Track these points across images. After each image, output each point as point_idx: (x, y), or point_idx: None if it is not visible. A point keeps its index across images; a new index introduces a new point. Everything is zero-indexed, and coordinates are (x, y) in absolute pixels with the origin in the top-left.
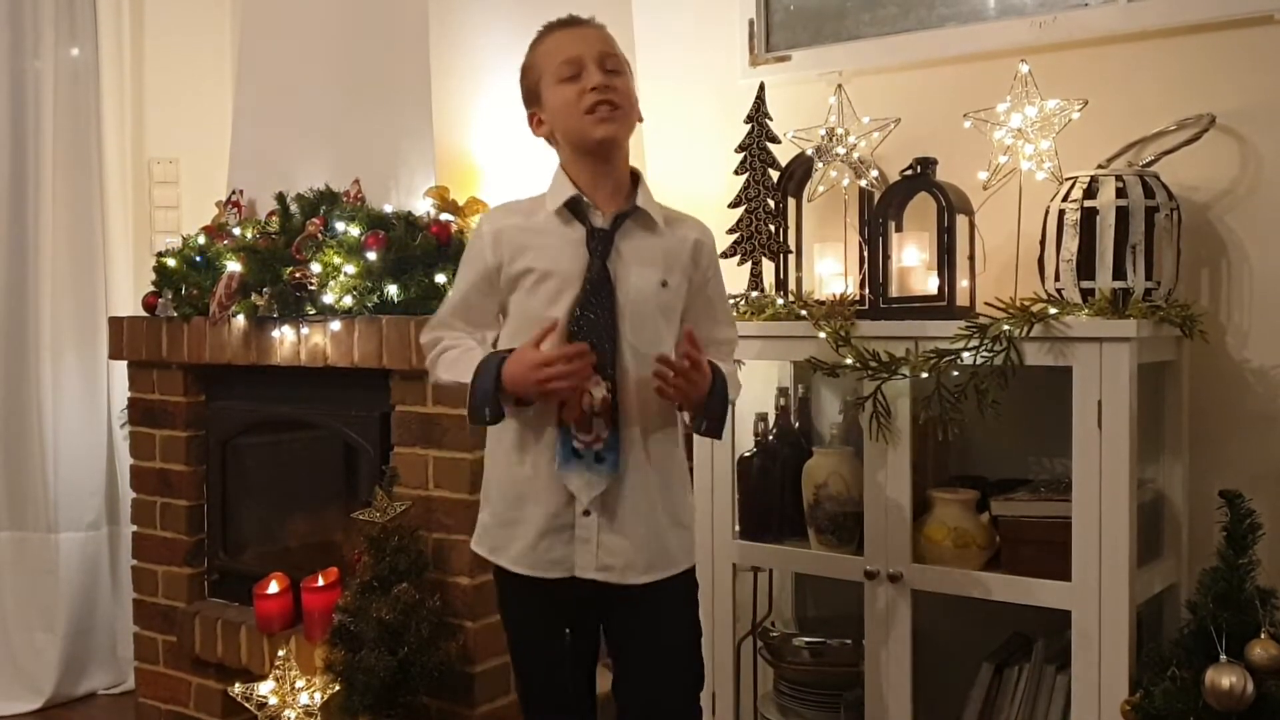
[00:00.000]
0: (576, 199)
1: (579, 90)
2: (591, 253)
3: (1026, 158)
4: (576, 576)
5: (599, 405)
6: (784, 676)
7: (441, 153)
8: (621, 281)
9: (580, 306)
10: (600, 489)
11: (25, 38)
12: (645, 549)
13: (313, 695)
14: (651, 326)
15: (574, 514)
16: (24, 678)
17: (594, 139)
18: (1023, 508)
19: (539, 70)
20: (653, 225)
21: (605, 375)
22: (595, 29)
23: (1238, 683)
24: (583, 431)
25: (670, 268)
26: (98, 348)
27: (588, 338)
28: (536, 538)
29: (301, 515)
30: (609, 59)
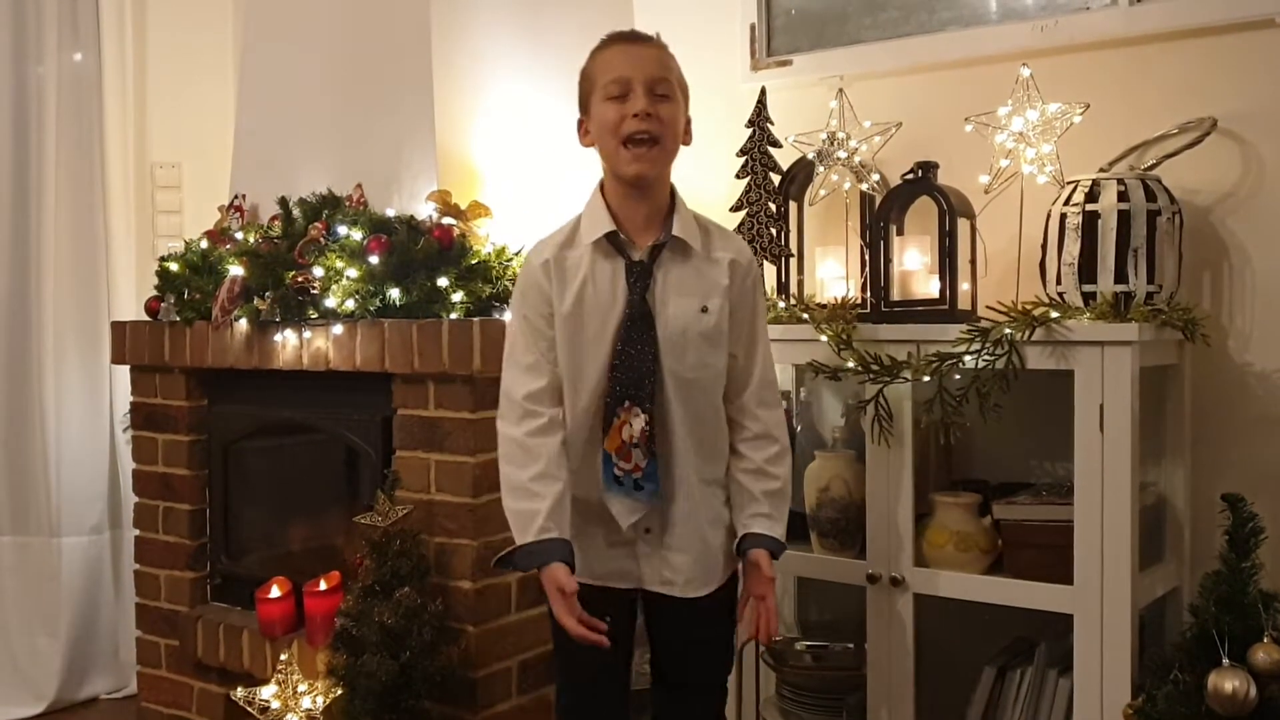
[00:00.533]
0: (614, 234)
1: (622, 114)
2: (630, 288)
3: (1028, 161)
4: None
5: (638, 436)
6: (786, 680)
7: (443, 157)
8: (661, 313)
9: (621, 341)
10: (639, 514)
11: (28, 43)
12: (701, 563)
13: (315, 699)
14: (694, 353)
15: (635, 532)
16: (26, 682)
17: (625, 175)
18: (1025, 511)
19: (591, 81)
20: (690, 251)
21: (644, 408)
22: (653, 50)
23: (1240, 687)
24: (623, 460)
25: (709, 292)
26: (100, 352)
27: (628, 371)
28: (602, 549)
29: (303, 519)
30: (660, 84)
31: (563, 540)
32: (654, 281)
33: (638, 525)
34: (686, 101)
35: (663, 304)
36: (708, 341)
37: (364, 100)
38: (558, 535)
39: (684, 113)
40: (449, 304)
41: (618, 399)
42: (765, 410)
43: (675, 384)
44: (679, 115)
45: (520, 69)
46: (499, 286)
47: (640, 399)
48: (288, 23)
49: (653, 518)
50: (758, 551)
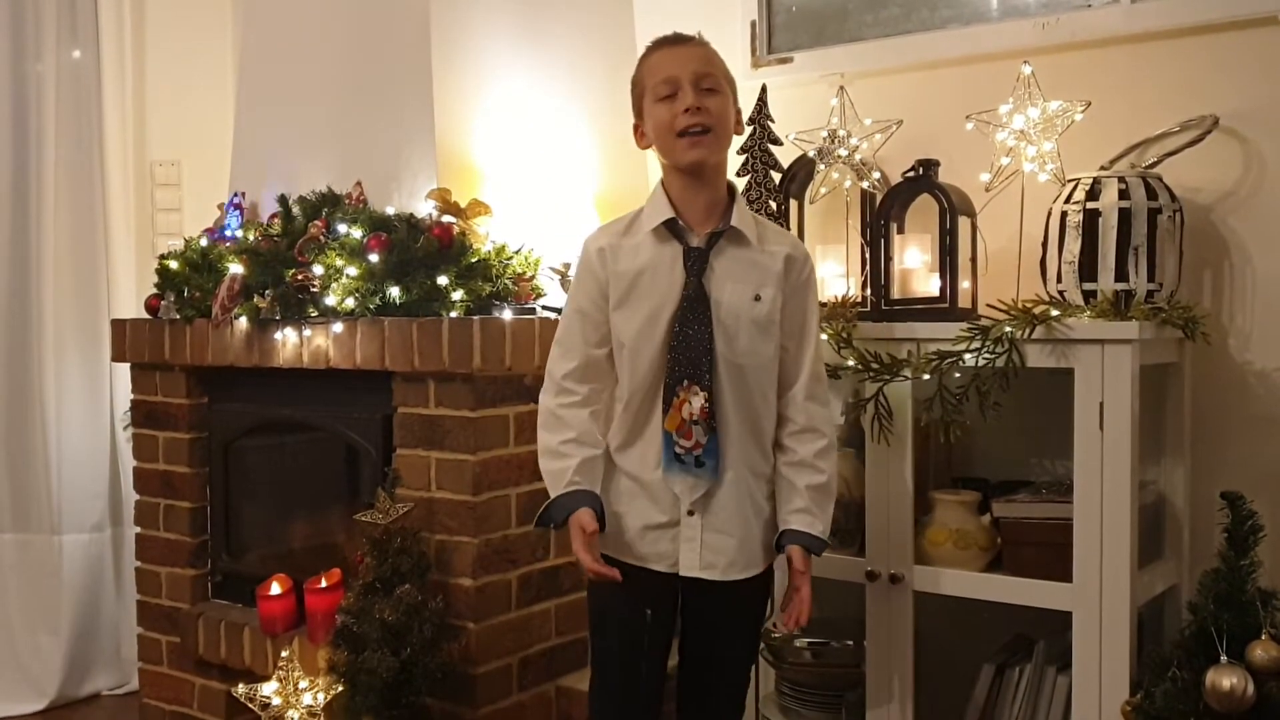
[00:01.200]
0: (673, 220)
1: (673, 112)
2: (688, 271)
3: (1029, 159)
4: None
5: (698, 414)
6: (786, 677)
7: (443, 155)
8: (716, 298)
9: (679, 323)
10: (702, 491)
11: (27, 41)
12: (743, 547)
13: (316, 696)
14: (746, 339)
15: (679, 513)
16: (28, 679)
17: (684, 162)
18: (1024, 509)
19: (642, 86)
20: (746, 242)
21: (703, 386)
22: (696, 48)
23: (1238, 684)
24: (684, 438)
25: (763, 282)
26: (100, 350)
27: (686, 352)
28: (642, 530)
29: (304, 517)
30: (705, 79)
31: (590, 492)
32: (710, 268)
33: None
34: (734, 93)
35: (719, 289)
36: (759, 329)
37: (364, 98)
38: (585, 487)
39: (733, 104)
40: (449, 302)
41: (677, 378)
42: (814, 404)
43: (727, 368)
44: (728, 106)
45: (520, 67)
46: (499, 285)
47: (699, 377)
48: (287, 20)
49: (699, 500)
50: (793, 548)
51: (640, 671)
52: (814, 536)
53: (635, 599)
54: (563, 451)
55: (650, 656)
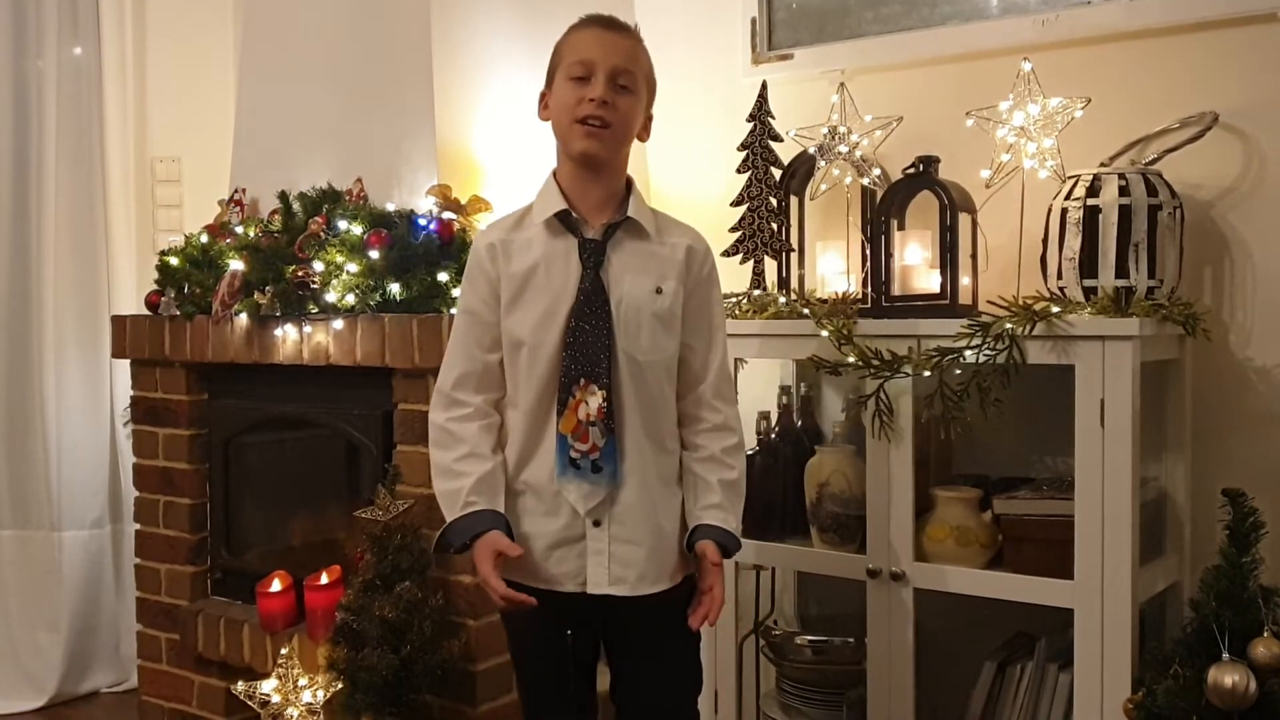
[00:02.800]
0: (565, 212)
1: (579, 96)
2: (584, 264)
3: (1029, 156)
4: (588, 594)
5: (595, 414)
6: (786, 675)
7: (443, 151)
8: (614, 291)
9: (574, 317)
10: (599, 498)
11: (28, 37)
12: (655, 557)
13: (315, 693)
14: (648, 333)
15: (583, 525)
16: (27, 676)
17: (573, 151)
18: (1025, 506)
19: (559, 57)
20: (644, 234)
21: (600, 384)
22: (626, 40)
23: (1240, 681)
24: (579, 441)
25: (664, 274)
26: (100, 346)
27: (582, 348)
28: (546, 550)
29: (304, 514)
30: (623, 75)
31: (492, 511)
32: (607, 260)
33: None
34: (651, 97)
35: (617, 282)
36: (661, 323)
37: (364, 94)
38: (485, 507)
39: (645, 109)
40: (449, 299)
41: (573, 376)
42: (723, 403)
43: (628, 365)
44: (637, 110)
45: (520, 63)
46: None
47: (596, 375)
48: (288, 16)
49: (603, 508)
50: (704, 543)
51: (570, 697)
52: (727, 532)
53: (552, 622)
54: (457, 470)
55: (577, 679)
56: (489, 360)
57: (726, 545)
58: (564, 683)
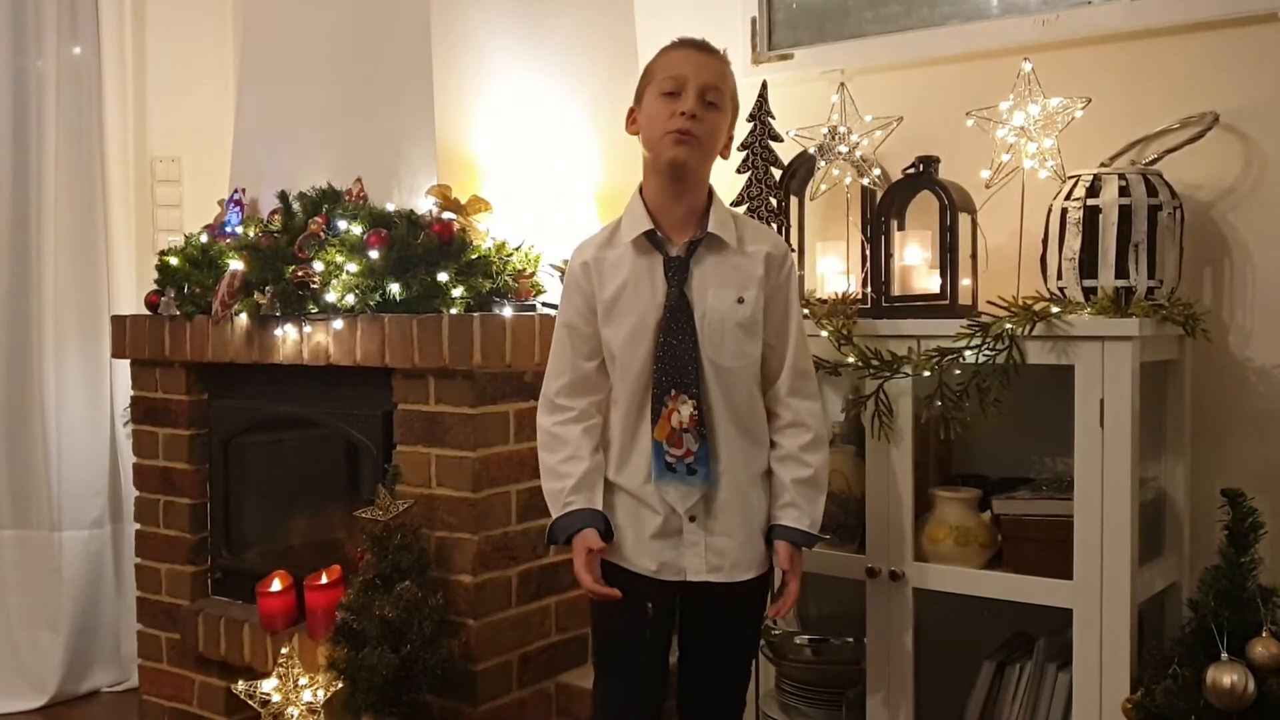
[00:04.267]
0: (651, 232)
1: (670, 110)
2: (669, 281)
3: (1029, 156)
4: (686, 580)
5: (687, 422)
6: (786, 674)
7: (443, 151)
8: (699, 305)
9: (663, 333)
10: (695, 498)
11: (27, 37)
12: (747, 547)
13: (316, 693)
14: (733, 342)
15: (680, 521)
16: (28, 676)
17: (664, 159)
18: (1024, 506)
19: (650, 75)
20: (726, 246)
21: (690, 394)
22: (715, 61)
23: (1239, 681)
24: (674, 446)
25: (745, 284)
26: (100, 346)
27: (671, 361)
28: (649, 540)
29: (304, 513)
30: (712, 91)
31: (590, 510)
32: (691, 275)
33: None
34: (735, 118)
35: (700, 296)
36: (744, 331)
37: (364, 94)
38: (583, 506)
39: (729, 127)
40: (449, 299)
41: (664, 388)
42: (798, 399)
43: (715, 373)
44: (723, 126)
45: (521, 63)
46: (499, 281)
47: (686, 385)
48: (287, 16)
49: (698, 506)
50: (779, 542)
51: (642, 667)
52: (801, 531)
53: (636, 596)
54: (560, 471)
55: (652, 652)
56: (588, 368)
57: (800, 543)
58: (640, 653)
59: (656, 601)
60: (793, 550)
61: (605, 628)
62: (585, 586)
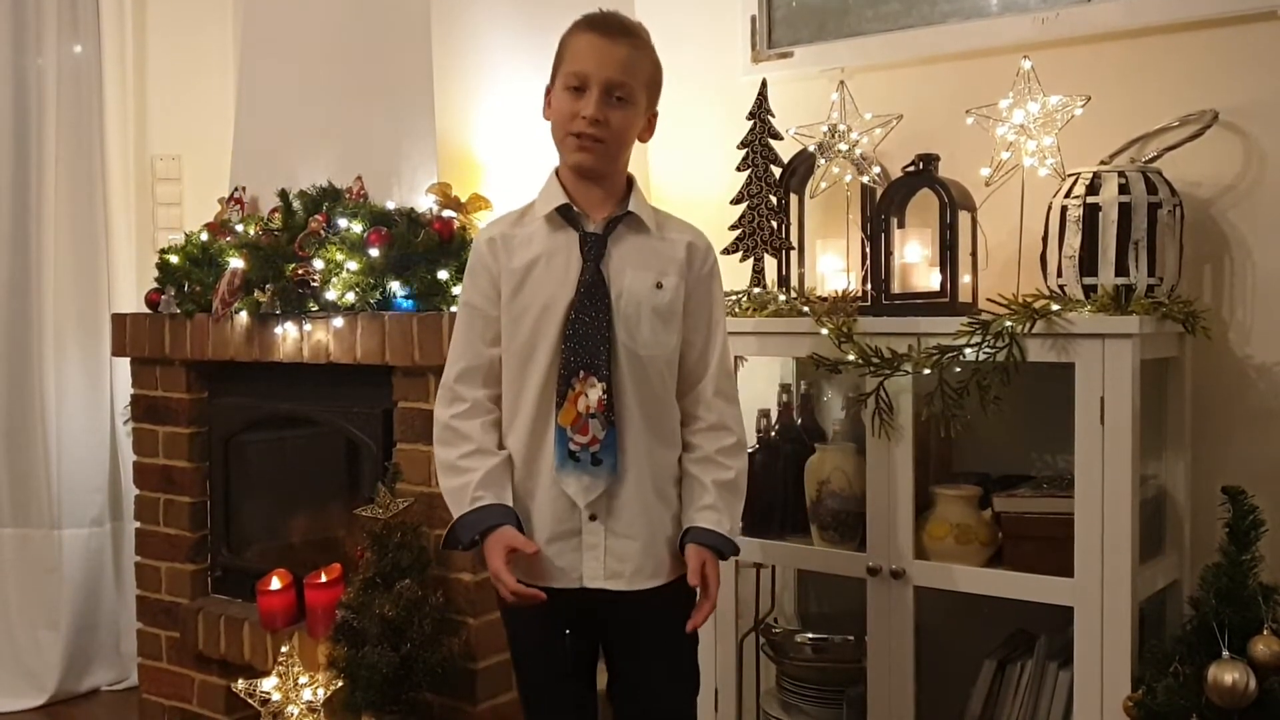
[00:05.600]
0: (566, 206)
1: (574, 110)
2: (585, 257)
3: (1029, 154)
4: (585, 586)
5: (595, 406)
6: (786, 673)
7: (444, 149)
8: (615, 284)
9: (575, 310)
10: (598, 491)
11: (28, 35)
12: (651, 552)
13: (316, 691)
14: (648, 328)
15: (579, 520)
16: (27, 674)
17: (568, 161)
18: (1025, 504)
19: (560, 59)
20: (645, 229)
21: (600, 376)
22: (621, 50)
23: (1240, 679)
24: (579, 433)
25: (665, 270)
26: (100, 344)
27: (582, 341)
28: (544, 545)
29: (304, 512)
30: (619, 88)
31: (501, 505)
32: (608, 254)
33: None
34: (653, 98)
35: (618, 275)
36: (661, 318)
37: (364, 92)
38: (493, 501)
39: (643, 113)
40: (449, 297)
41: (572, 369)
42: (722, 401)
43: (628, 358)
44: (633, 119)
45: (521, 60)
46: None
47: (596, 368)
48: (288, 14)
49: (600, 502)
50: (691, 548)
51: (569, 696)
52: (720, 535)
53: (550, 621)
54: (462, 466)
55: (577, 679)
56: (491, 354)
57: (719, 548)
58: (563, 682)
59: (569, 616)
60: (708, 555)
61: (523, 661)
62: (508, 588)
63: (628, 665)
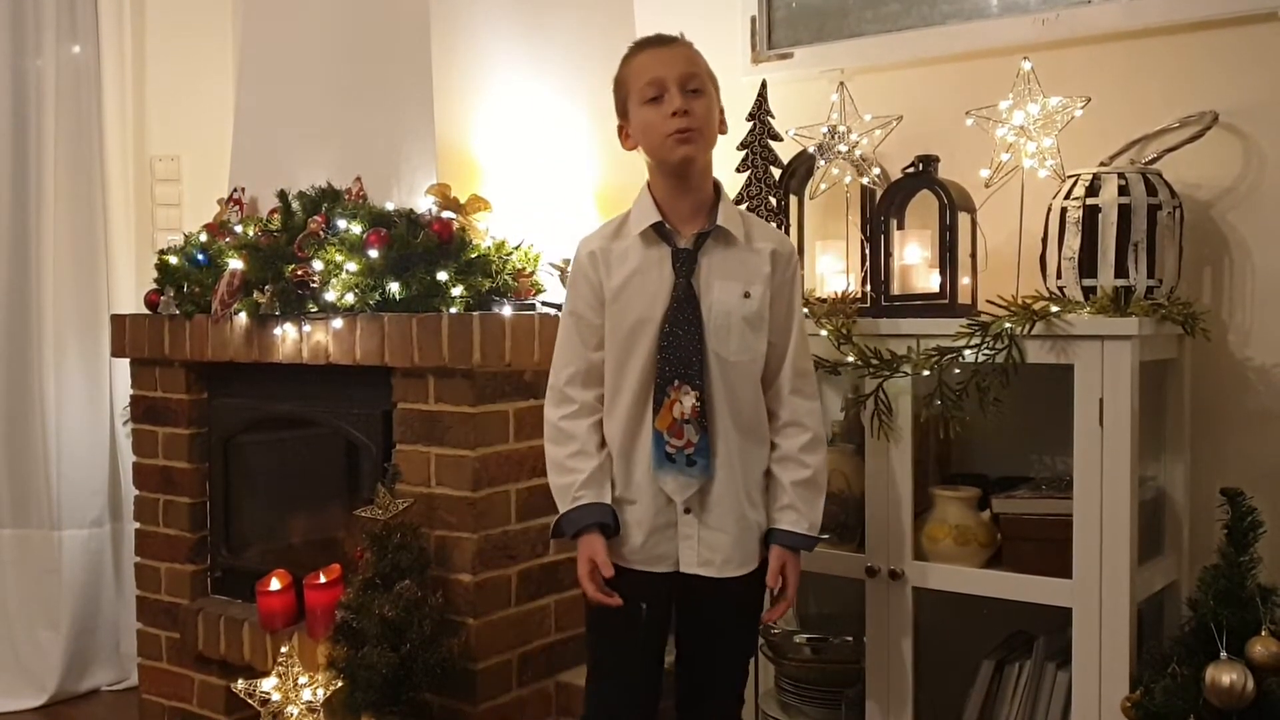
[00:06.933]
0: (659, 224)
1: (661, 115)
2: (676, 272)
3: (1029, 155)
4: (681, 571)
5: (689, 413)
6: (785, 674)
7: (443, 150)
8: (705, 297)
9: (668, 323)
10: (693, 490)
11: (26, 36)
12: (740, 544)
13: (315, 692)
14: (737, 336)
15: (675, 513)
16: (27, 675)
17: (673, 160)
18: (1024, 505)
19: (627, 88)
20: (733, 241)
21: (694, 385)
22: (680, 49)
23: (1238, 680)
24: (675, 437)
25: (751, 279)
26: (100, 345)
27: (675, 352)
28: (645, 535)
29: (304, 512)
30: (691, 80)
31: (599, 504)
32: (699, 267)
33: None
34: (718, 92)
35: (707, 288)
36: (750, 326)
37: (363, 93)
38: (592, 500)
39: (717, 103)
40: (448, 298)
41: (667, 378)
42: (798, 398)
43: (719, 366)
44: (713, 107)
45: (521, 62)
46: (499, 280)
47: (690, 377)
48: (287, 15)
49: (694, 498)
50: (774, 548)
51: (637, 667)
52: (799, 534)
53: (632, 596)
54: (569, 466)
55: (646, 651)
56: (595, 358)
57: (799, 547)
58: (633, 654)
59: (651, 600)
60: (788, 556)
61: (600, 626)
62: (590, 594)
63: (696, 640)
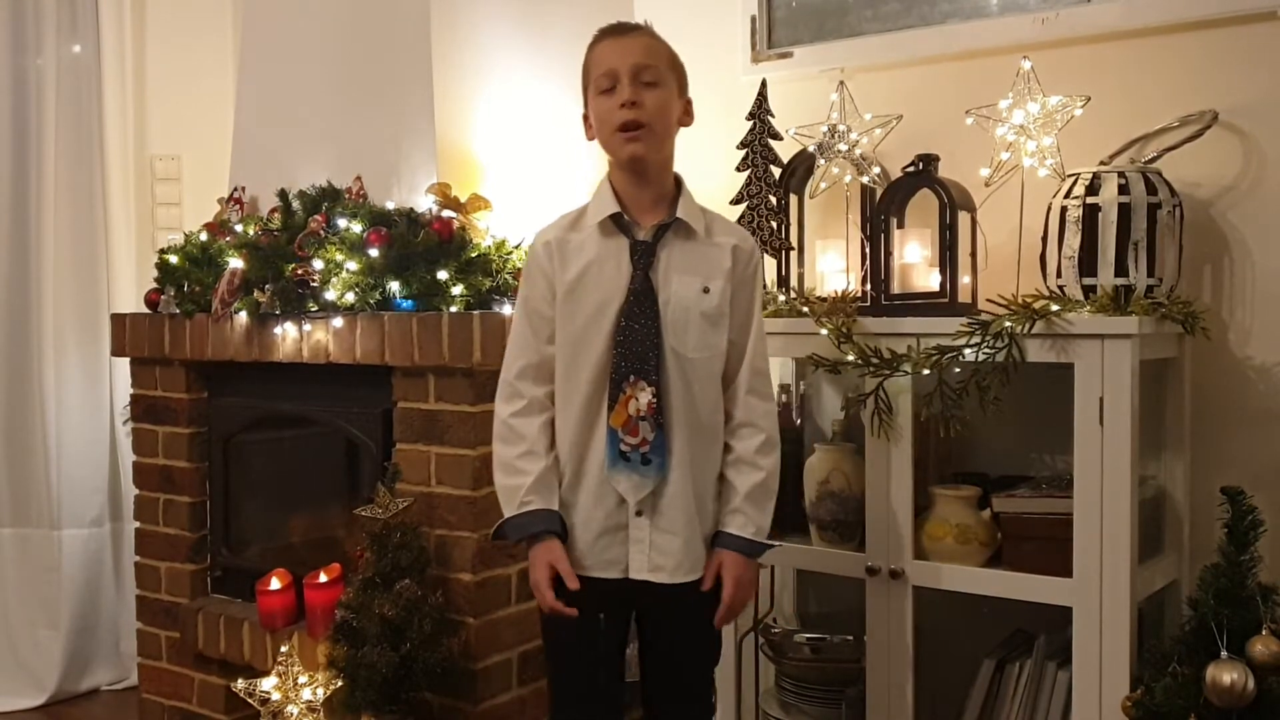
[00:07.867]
0: (618, 215)
1: (611, 106)
2: (634, 265)
3: (1029, 154)
4: (630, 577)
5: (645, 410)
6: (785, 673)
7: (443, 149)
8: (663, 291)
9: (625, 317)
10: (647, 490)
11: (27, 35)
12: (690, 548)
13: (315, 691)
14: (695, 332)
15: (627, 515)
16: (27, 674)
17: (622, 157)
18: (1024, 504)
19: (586, 76)
20: (693, 234)
21: (650, 381)
22: (638, 38)
23: (1239, 679)
24: (630, 434)
25: (711, 274)
26: (100, 344)
27: (631, 346)
28: (594, 538)
29: (304, 512)
30: (645, 71)
31: (547, 511)
32: (657, 260)
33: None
34: (682, 83)
35: (665, 282)
36: (709, 321)
37: (364, 92)
38: (540, 506)
39: (678, 95)
40: (449, 297)
41: (623, 374)
42: (754, 398)
43: (676, 362)
44: (669, 100)
45: (521, 60)
46: (499, 279)
47: (646, 373)
48: (287, 14)
49: (647, 499)
50: (717, 551)
51: (598, 678)
52: (743, 539)
53: (588, 607)
54: (518, 467)
55: (609, 669)
56: (548, 352)
57: (744, 550)
58: (594, 666)
59: (607, 603)
60: (728, 557)
61: (557, 650)
62: (546, 604)
63: (658, 638)
